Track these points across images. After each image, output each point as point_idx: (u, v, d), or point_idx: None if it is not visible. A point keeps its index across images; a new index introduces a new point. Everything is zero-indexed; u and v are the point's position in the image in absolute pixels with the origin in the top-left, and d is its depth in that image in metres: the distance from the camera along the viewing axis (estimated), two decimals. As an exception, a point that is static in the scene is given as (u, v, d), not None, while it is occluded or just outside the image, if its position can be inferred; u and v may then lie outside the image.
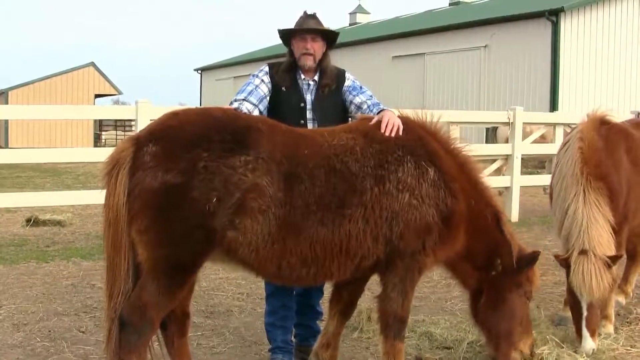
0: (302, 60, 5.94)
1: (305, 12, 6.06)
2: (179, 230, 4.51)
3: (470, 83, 33.64)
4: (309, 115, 5.94)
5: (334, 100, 6.02)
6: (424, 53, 36.22)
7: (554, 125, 15.68)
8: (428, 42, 36.03)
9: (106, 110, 18.40)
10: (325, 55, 6.05)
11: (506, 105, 27.66)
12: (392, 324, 5.18)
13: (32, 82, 44.56)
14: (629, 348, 6.52)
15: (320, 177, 4.82)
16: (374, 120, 5.40)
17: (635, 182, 6.94)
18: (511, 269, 5.50)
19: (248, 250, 4.67)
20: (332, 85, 6.00)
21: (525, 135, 15.27)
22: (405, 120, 5.44)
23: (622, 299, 7.90)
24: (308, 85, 6.00)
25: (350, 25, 54.82)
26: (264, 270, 4.93)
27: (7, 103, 41.18)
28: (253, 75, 6.00)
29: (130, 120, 48.79)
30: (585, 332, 6.21)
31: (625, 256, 7.74)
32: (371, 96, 6.02)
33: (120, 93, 47.75)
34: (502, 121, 15.12)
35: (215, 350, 6.46)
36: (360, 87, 6.10)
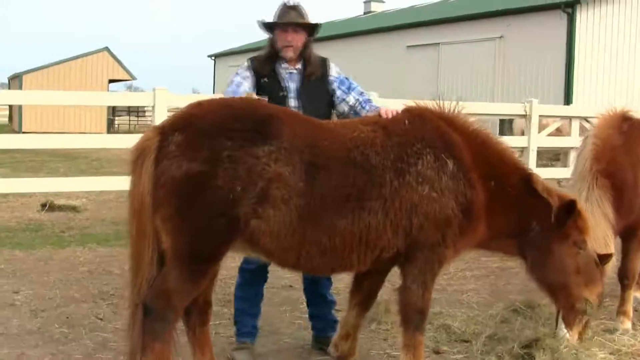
0: (284, 52, 5.96)
1: (286, 4, 6.03)
2: (202, 218, 4.54)
3: (484, 74, 33.54)
4: (292, 103, 5.93)
5: (319, 88, 6.04)
6: (439, 43, 36.13)
7: (570, 118, 15.59)
8: (443, 32, 35.94)
9: (123, 96, 18.31)
10: (307, 44, 6.05)
11: (520, 96, 27.52)
12: (413, 316, 5.18)
13: (47, 66, 44.57)
14: (647, 344, 6.49)
15: (340, 169, 4.83)
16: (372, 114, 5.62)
17: None
18: (552, 224, 5.42)
19: (270, 239, 4.69)
20: (317, 73, 6.03)
21: (540, 128, 15.19)
22: (423, 111, 5.44)
23: (640, 295, 7.88)
24: (290, 74, 6.01)
25: (364, 14, 54.73)
26: (284, 260, 4.96)
27: (21, 87, 41.27)
28: (235, 73, 6.03)
29: (144, 106, 48.89)
30: (560, 319, 6.19)
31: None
32: (362, 92, 6.09)
33: (134, 78, 47.80)
34: (518, 113, 15.04)
35: (233, 340, 6.45)
36: (349, 81, 6.13)
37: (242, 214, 4.54)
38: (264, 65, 5.99)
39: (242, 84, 5.89)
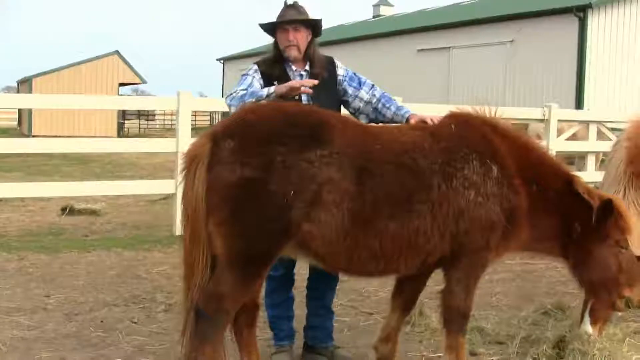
0: (287, 52, 5.94)
1: (285, 3, 6.04)
2: (255, 222, 4.58)
3: (495, 78, 33.54)
4: None
5: (328, 88, 5.99)
6: (449, 47, 36.16)
7: (588, 123, 15.66)
8: (454, 36, 36.00)
9: (148, 101, 18.10)
10: (311, 43, 6.03)
11: (531, 100, 27.61)
12: (456, 318, 5.24)
13: (57, 69, 44.77)
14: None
15: (390, 173, 4.86)
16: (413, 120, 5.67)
17: None
18: (593, 224, 5.45)
19: (321, 242, 4.72)
20: (323, 73, 5.99)
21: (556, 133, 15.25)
22: (468, 116, 5.48)
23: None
24: (301, 76, 5.98)
25: (373, 17, 54.78)
26: (335, 264, 5.00)
27: (31, 90, 41.40)
28: (245, 75, 5.97)
29: (153, 110, 48.59)
30: (586, 317, 6.18)
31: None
32: (373, 85, 6.09)
33: (144, 82, 47.91)
34: (537, 118, 15.12)
35: (271, 343, 6.48)
36: (357, 77, 6.13)
37: (295, 217, 4.58)
38: (273, 67, 5.96)
39: (254, 84, 5.81)
